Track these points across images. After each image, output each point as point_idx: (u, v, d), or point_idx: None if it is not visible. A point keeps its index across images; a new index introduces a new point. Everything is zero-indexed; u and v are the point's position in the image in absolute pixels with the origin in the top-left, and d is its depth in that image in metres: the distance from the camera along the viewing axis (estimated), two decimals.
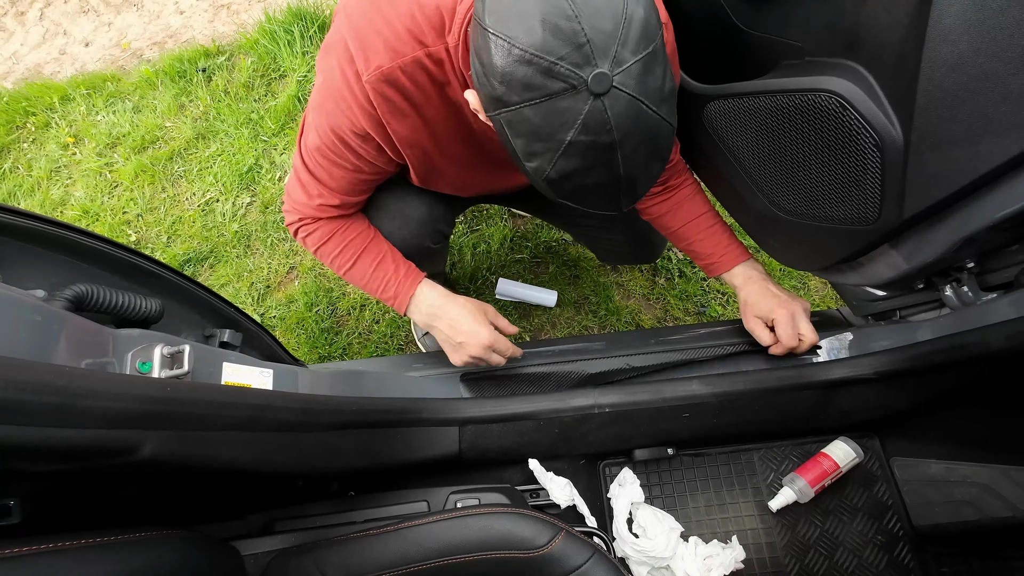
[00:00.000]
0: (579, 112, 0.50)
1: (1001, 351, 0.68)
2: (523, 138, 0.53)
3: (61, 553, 0.43)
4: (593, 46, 0.49)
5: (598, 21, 0.49)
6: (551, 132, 0.52)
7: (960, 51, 0.52)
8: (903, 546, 0.91)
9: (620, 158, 0.54)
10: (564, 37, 0.48)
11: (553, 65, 0.49)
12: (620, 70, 0.50)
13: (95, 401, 0.40)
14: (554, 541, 0.66)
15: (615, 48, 0.49)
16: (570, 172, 0.54)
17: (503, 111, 0.53)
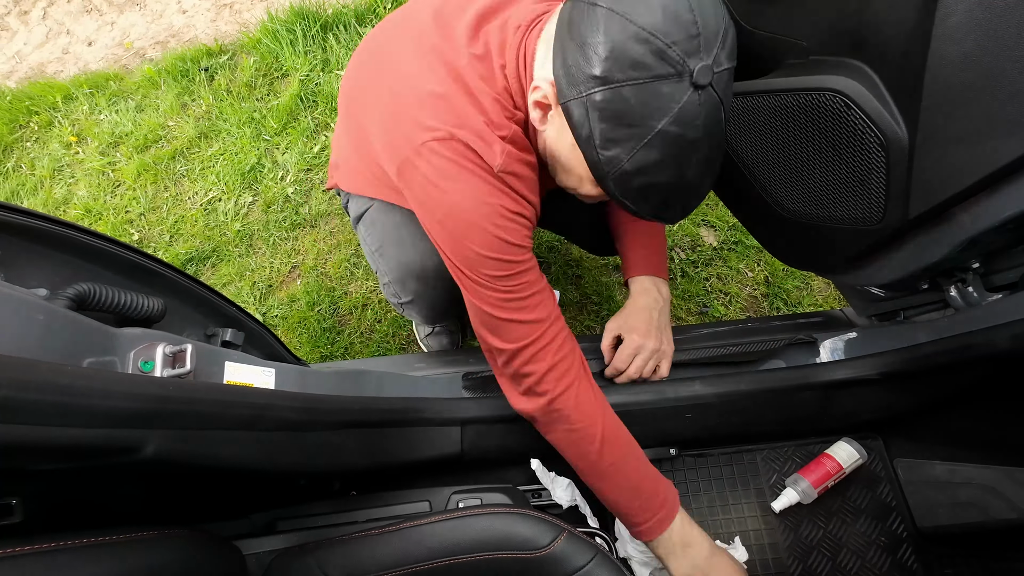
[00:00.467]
0: (678, 100, 0.53)
1: (1006, 352, 0.67)
2: (610, 122, 0.55)
3: (63, 552, 0.43)
4: (703, 41, 0.52)
5: (709, 21, 0.52)
6: (645, 116, 0.54)
7: (966, 50, 0.52)
8: (907, 548, 0.91)
9: (694, 160, 0.57)
10: (681, 24, 0.51)
11: (667, 48, 0.51)
12: (718, 70, 0.53)
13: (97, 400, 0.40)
14: (556, 542, 0.66)
15: (717, 49, 0.53)
16: (647, 165, 0.56)
17: (599, 89, 0.54)
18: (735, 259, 1.50)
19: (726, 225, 1.54)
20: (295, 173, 1.73)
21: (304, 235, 1.65)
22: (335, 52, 1.89)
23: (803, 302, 1.45)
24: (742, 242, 1.52)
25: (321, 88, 1.85)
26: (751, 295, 1.47)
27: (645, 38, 0.51)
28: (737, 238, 1.52)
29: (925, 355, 0.81)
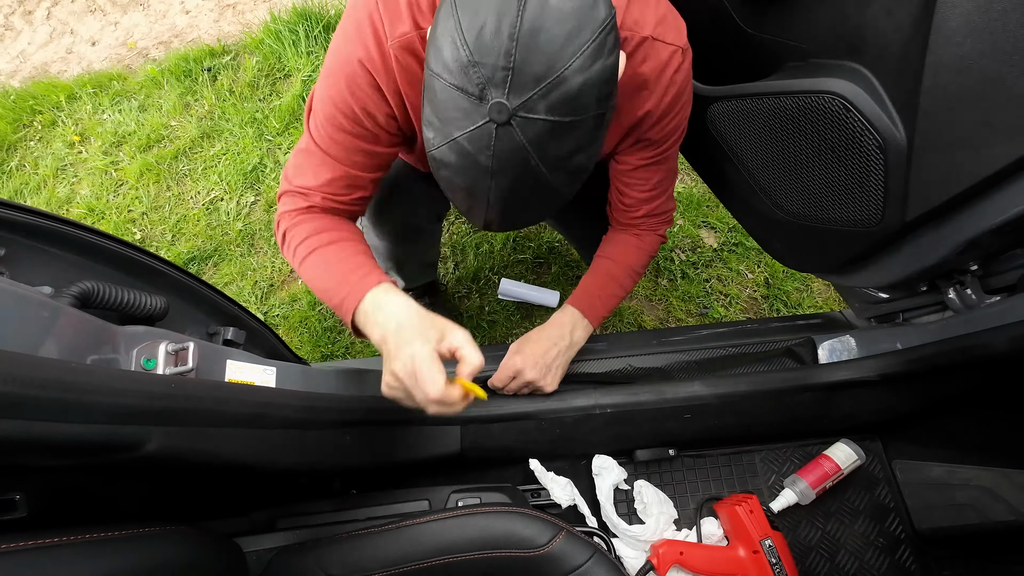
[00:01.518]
0: (474, 121, 0.49)
1: (1004, 354, 0.68)
2: (430, 106, 0.52)
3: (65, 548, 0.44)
4: (513, 78, 0.46)
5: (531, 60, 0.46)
6: (447, 119, 0.50)
7: (964, 53, 0.52)
8: (905, 549, 0.91)
9: (492, 185, 0.53)
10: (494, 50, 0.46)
11: (472, 65, 0.47)
12: (525, 115, 0.48)
13: (100, 397, 0.40)
14: (555, 540, 0.66)
15: (531, 94, 0.47)
16: (446, 163, 0.53)
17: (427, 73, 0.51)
18: (735, 261, 1.51)
19: (726, 227, 1.54)
20: None
21: None
22: None
23: (803, 304, 1.45)
24: (742, 244, 1.52)
25: None
26: (751, 297, 1.47)
27: (459, 45, 0.47)
28: (737, 240, 1.53)
29: (924, 357, 0.81)
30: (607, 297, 0.90)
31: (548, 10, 0.46)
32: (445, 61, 0.48)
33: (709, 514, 0.94)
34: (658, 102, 0.72)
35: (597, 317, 0.91)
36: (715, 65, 0.85)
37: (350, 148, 0.70)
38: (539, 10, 0.45)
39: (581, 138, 0.51)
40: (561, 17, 0.46)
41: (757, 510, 0.86)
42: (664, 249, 1.51)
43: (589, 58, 0.47)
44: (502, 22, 0.45)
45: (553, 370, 0.89)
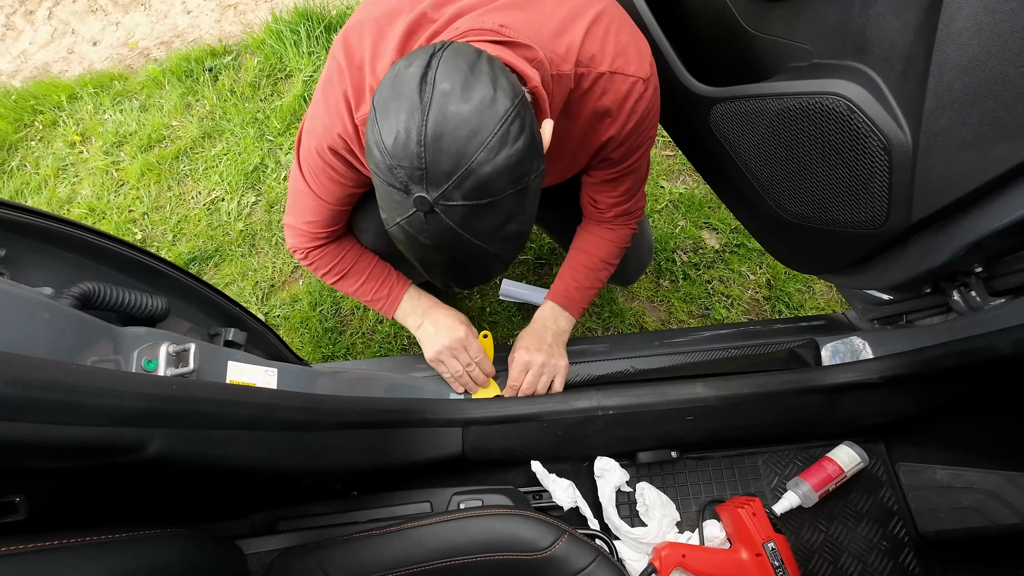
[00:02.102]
0: (407, 211, 0.55)
1: (1009, 357, 0.67)
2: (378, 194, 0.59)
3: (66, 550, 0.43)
4: (428, 175, 0.53)
5: (440, 160, 0.52)
6: (389, 208, 0.57)
7: (970, 54, 0.52)
8: (908, 552, 0.91)
9: (438, 259, 0.60)
10: (408, 155, 0.52)
11: (394, 167, 0.53)
12: (444, 203, 0.54)
13: (101, 399, 0.40)
14: (557, 543, 0.66)
15: (446, 186, 0.53)
16: (399, 240, 0.60)
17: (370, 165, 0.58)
18: (737, 262, 1.50)
19: (728, 228, 1.54)
20: None
21: None
22: None
23: (805, 305, 1.45)
24: (744, 245, 1.52)
25: None
26: (753, 298, 1.47)
27: (382, 150, 0.54)
28: (739, 241, 1.52)
29: (927, 359, 0.81)
30: (584, 289, 0.98)
31: (448, 117, 0.52)
32: (376, 162, 0.55)
33: (711, 516, 0.93)
34: (620, 129, 0.77)
35: (577, 309, 0.99)
36: (718, 66, 0.85)
37: (339, 192, 0.82)
38: (440, 118, 0.52)
39: (505, 212, 0.57)
40: (460, 121, 0.52)
41: (760, 512, 0.86)
42: (666, 250, 1.51)
43: (493, 150, 0.53)
44: (410, 132, 0.52)
45: (557, 348, 0.96)
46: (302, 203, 0.85)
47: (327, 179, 0.80)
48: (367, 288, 0.95)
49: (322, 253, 0.91)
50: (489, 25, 0.65)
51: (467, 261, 0.61)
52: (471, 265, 0.62)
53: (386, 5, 0.72)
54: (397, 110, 0.53)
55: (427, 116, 0.52)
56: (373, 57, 0.70)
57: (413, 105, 0.52)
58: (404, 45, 0.68)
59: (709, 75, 0.84)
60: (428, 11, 0.69)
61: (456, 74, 0.53)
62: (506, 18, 0.66)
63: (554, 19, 0.69)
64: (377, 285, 0.95)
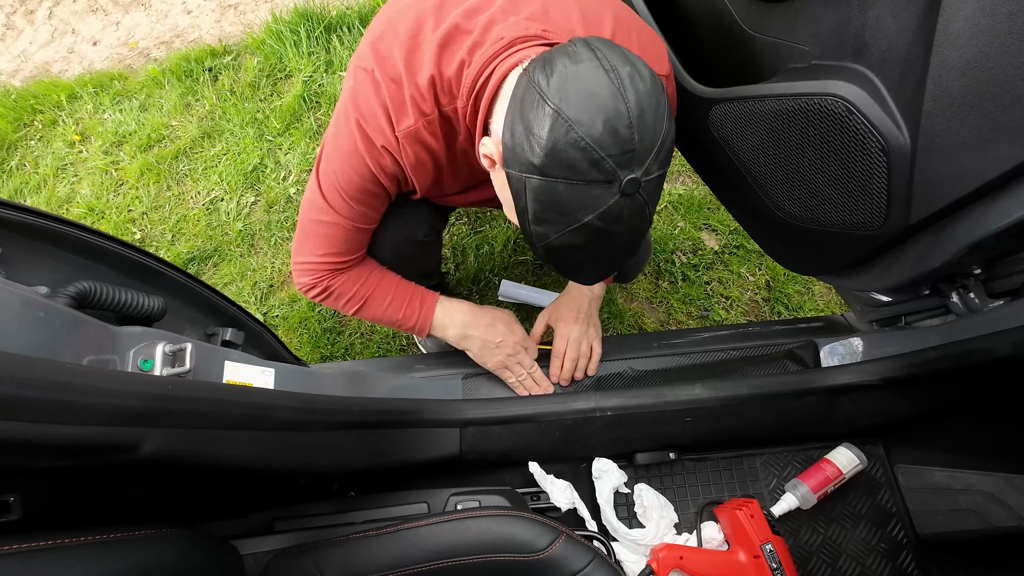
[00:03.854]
0: (605, 203, 0.56)
1: (1007, 359, 0.67)
2: (542, 205, 0.59)
3: (60, 550, 0.43)
4: (636, 155, 0.55)
5: (646, 135, 0.55)
6: (573, 210, 0.57)
7: (969, 55, 0.52)
8: (907, 554, 0.91)
9: (615, 247, 0.62)
10: (619, 141, 0.54)
11: (602, 160, 0.54)
12: (646, 179, 0.57)
13: (96, 398, 0.40)
14: (554, 545, 0.66)
15: (649, 161, 0.56)
16: (572, 245, 0.60)
17: (536, 177, 0.58)
18: (736, 263, 1.50)
19: (727, 229, 1.54)
20: (297, 174, 1.74)
21: None
22: (339, 53, 1.90)
23: (804, 307, 1.45)
24: (743, 246, 1.52)
25: (324, 89, 1.85)
26: (752, 299, 1.47)
27: (583, 147, 0.54)
28: (738, 242, 1.52)
29: (926, 361, 0.81)
30: None
31: (640, 96, 0.55)
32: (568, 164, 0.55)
33: (709, 518, 0.93)
34: None
35: None
36: (717, 67, 0.85)
37: (371, 211, 0.82)
38: (636, 98, 0.55)
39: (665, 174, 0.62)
40: (648, 96, 0.56)
41: (758, 514, 0.86)
42: (665, 251, 1.51)
43: (670, 118, 0.58)
44: (620, 117, 0.54)
45: (592, 318, 1.01)
46: (325, 233, 0.83)
47: (365, 196, 0.79)
48: (395, 307, 0.92)
49: (342, 280, 0.87)
50: (533, 31, 0.67)
51: (636, 241, 0.64)
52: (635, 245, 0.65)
53: (407, 15, 0.72)
54: (597, 102, 0.54)
55: (627, 99, 0.54)
56: (409, 68, 0.70)
57: (612, 92, 0.54)
58: (440, 57, 0.69)
59: (708, 76, 0.83)
60: (460, 22, 0.70)
61: (623, 59, 0.56)
62: (541, 26, 0.69)
63: (579, 25, 0.71)
64: (406, 302, 0.92)
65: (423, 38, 0.70)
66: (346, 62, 1.89)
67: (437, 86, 0.71)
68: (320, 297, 0.89)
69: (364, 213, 0.82)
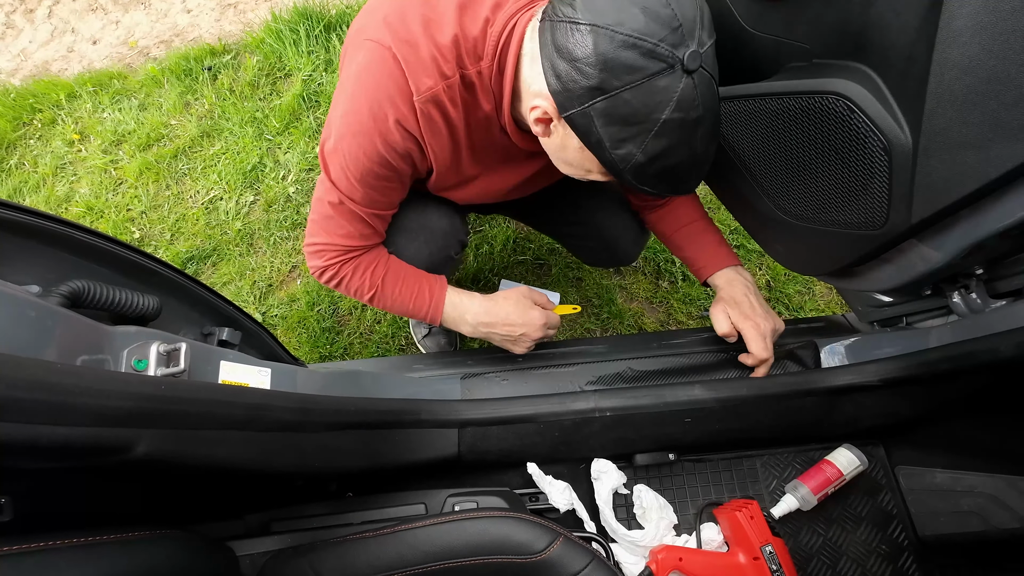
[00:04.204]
0: (675, 90, 0.56)
1: (1010, 360, 0.66)
2: (617, 125, 0.58)
3: (52, 552, 0.43)
4: (684, 29, 0.55)
5: (685, 8, 0.55)
6: (648, 112, 0.57)
7: (971, 53, 0.51)
8: (908, 556, 0.90)
9: (699, 135, 0.60)
10: (663, 21, 0.54)
11: (656, 46, 0.54)
12: (703, 50, 0.56)
13: (88, 399, 0.40)
14: (552, 546, 0.65)
15: (698, 31, 0.56)
16: (659, 152, 0.60)
17: (599, 100, 0.57)
18: None
19: (728, 229, 1.53)
20: (297, 173, 1.73)
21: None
22: (338, 52, 1.90)
23: (805, 307, 1.44)
24: (744, 246, 1.51)
25: (324, 88, 1.85)
26: None
27: (633, 43, 0.54)
28: (739, 242, 1.52)
29: (928, 362, 0.80)
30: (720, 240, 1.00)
31: None
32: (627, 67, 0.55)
33: (709, 519, 0.93)
34: None
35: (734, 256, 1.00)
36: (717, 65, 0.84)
37: (382, 195, 0.78)
38: None
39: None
40: None
41: (758, 516, 0.85)
42: (665, 251, 1.50)
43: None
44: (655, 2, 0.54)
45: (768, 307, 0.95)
46: (333, 216, 0.80)
47: (374, 179, 0.74)
48: (406, 297, 0.89)
49: (351, 268, 0.85)
50: None
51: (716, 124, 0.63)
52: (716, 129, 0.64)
53: None
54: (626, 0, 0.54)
55: None
56: (428, 28, 0.67)
57: None
58: (462, 17, 0.67)
59: None
60: None
61: None
62: None
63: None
64: (415, 292, 0.90)
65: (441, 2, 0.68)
66: None
67: (461, 46, 0.68)
68: (333, 282, 0.86)
69: (373, 197, 0.77)
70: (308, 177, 1.73)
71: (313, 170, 1.74)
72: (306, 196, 1.70)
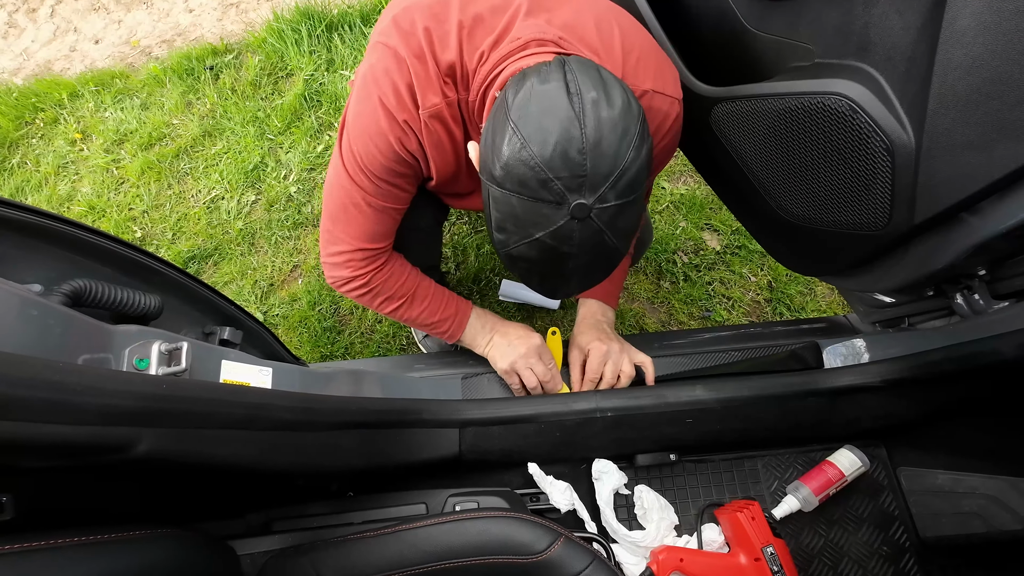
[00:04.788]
0: (555, 222, 0.56)
1: (1012, 361, 0.66)
2: (500, 214, 0.59)
3: (54, 551, 0.43)
4: (588, 181, 0.55)
5: (600, 164, 0.55)
6: (526, 224, 0.58)
7: (974, 53, 0.51)
8: (909, 558, 0.90)
9: (571, 266, 0.61)
10: (569, 165, 0.54)
11: (550, 181, 0.54)
12: (600, 206, 0.56)
13: (90, 397, 0.40)
14: (553, 547, 0.65)
15: (604, 189, 0.55)
16: (526, 258, 0.61)
17: (496, 187, 0.58)
18: (738, 263, 1.49)
19: (729, 229, 1.53)
20: (298, 172, 1.73)
21: (306, 234, 1.65)
22: (340, 52, 1.90)
23: (807, 307, 1.44)
24: (745, 246, 1.51)
25: (325, 88, 1.85)
26: (754, 300, 1.46)
27: (532, 166, 0.54)
28: (740, 242, 1.52)
29: (930, 363, 0.80)
30: (615, 281, 1.03)
31: (602, 123, 0.55)
32: (520, 180, 0.56)
33: (710, 520, 0.93)
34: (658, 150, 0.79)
35: (613, 297, 1.03)
36: (719, 66, 0.84)
37: (396, 191, 0.79)
38: (595, 124, 0.55)
39: (638, 207, 0.61)
40: (612, 125, 0.55)
41: (759, 516, 0.85)
42: (666, 251, 1.50)
43: (637, 148, 0.56)
44: (571, 142, 0.54)
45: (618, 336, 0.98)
46: (354, 215, 0.80)
47: (390, 175, 0.76)
48: (433, 309, 0.91)
49: (386, 275, 0.86)
50: (550, 36, 0.68)
51: (600, 263, 0.63)
52: (600, 267, 0.65)
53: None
54: (551, 124, 0.54)
55: (584, 124, 0.54)
56: (433, 47, 0.70)
57: (568, 116, 0.54)
58: (464, 46, 0.70)
59: (710, 75, 0.83)
60: (486, 15, 0.70)
61: (596, 84, 0.56)
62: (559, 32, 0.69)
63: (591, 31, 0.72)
64: (443, 304, 0.92)
65: (448, 20, 0.70)
66: (348, 60, 1.88)
67: (458, 73, 0.70)
68: (359, 292, 0.86)
69: (391, 192, 0.79)
70: (309, 177, 1.74)
71: (315, 170, 1.75)
72: (308, 196, 1.70)
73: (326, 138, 1.78)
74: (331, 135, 1.79)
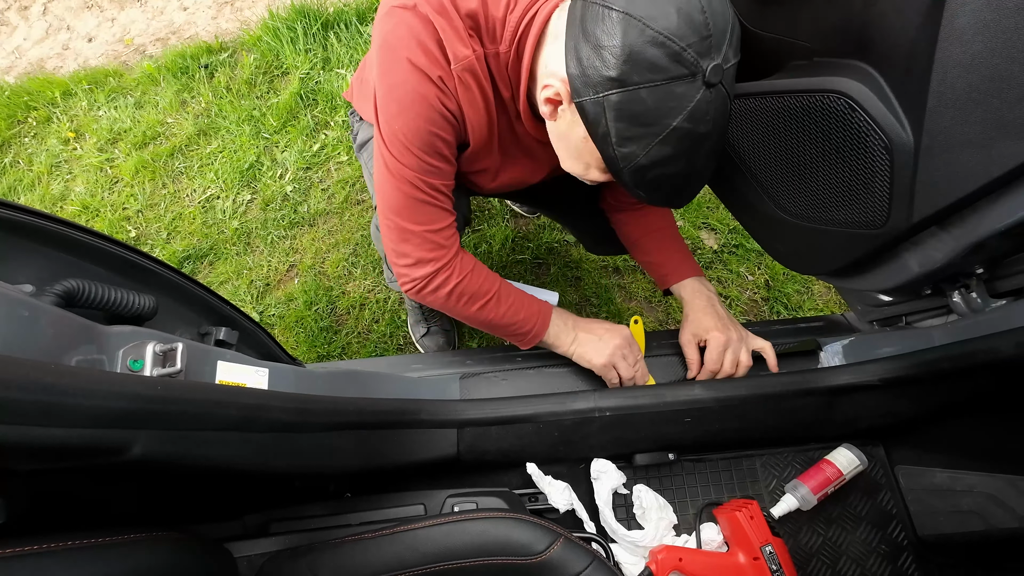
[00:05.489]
0: (691, 99, 0.55)
1: (1010, 359, 0.66)
2: (626, 121, 0.57)
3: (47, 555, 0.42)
4: (714, 41, 0.54)
5: (718, 20, 0.54)
6: (660, 115, 0.56)
7: (974, 51, 0.51)
8: (907, 556, 0.90)
9: (703, 151, 0.60)
10: (695, 27, 0.53)
11: (683, 51, 0.53)
12: (726, 66, 0.55)
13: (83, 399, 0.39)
14: (552, 547, 0.65)
15: (725, 47, 0.55)
16: (661, 159, 0.59)
17: (615, 92, 0.56)
18: (735, 262, 1.49)
19: (727, 228, 1.53)
20: (294, 171, 1.72)
21: (302, 234, 1.64)
22: (336, 50, 1.89)
23: (804, 306, 1.44)
24: (743, 245, 1.51)
25: (321, 86, 1.84)
26: (751, 299, 1.46)
27: (662, 42, 0.53)
28: (738, 241, 1.52)
29: (927, 361, 0.80)
30: (686, 250, 1.01)
31: None
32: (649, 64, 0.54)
33: (709, 519, 0.92)
34: None
35: (698, 267, 1.00)
36: None
37: (442, 164, 0.74)
38: None
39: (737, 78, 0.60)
40: None
41: (757, 516, 0.85)
42: None
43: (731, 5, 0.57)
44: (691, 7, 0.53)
45: (734, 320, 0.94)
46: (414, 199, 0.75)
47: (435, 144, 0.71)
48: (518, 306, 0.86)
49: (470, 269, 0.82)
50: None
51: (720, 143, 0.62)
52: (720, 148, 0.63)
53: None
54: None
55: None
56: None
57: None
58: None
59: None
60: None
61: None
62: None
63: None
64: (526, 301, 0.87)
65: None
66: (344, 59, 1.87)
67: (482, 24, 0.67)
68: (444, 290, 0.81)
69: (437, 168, 0.74)
70: (305, 176, 1.73)
71: (311, 168, 1.74)
72: (303, 195, 1.69)
73: (322, 137, 1.78)
74: (327, 134, 1.78)
